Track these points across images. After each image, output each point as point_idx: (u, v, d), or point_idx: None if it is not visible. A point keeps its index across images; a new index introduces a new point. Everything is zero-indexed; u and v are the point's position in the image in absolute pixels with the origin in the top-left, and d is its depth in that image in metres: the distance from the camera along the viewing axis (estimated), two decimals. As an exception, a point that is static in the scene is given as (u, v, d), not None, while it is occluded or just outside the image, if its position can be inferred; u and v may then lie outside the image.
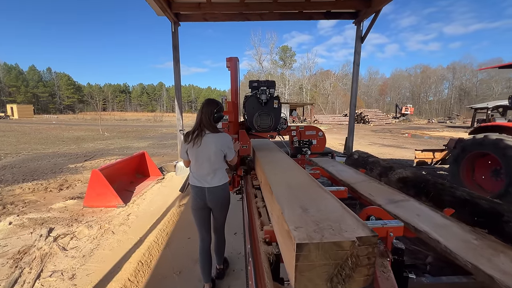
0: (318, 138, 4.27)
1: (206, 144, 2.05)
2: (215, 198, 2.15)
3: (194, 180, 2.13)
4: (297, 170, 2.17)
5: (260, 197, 2.32)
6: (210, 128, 2.09)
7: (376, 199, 2.55)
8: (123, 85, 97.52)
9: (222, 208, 2.25)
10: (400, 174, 3.81)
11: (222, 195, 2.19)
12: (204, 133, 2.06)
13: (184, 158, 2.20)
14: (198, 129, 2.07)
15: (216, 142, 2.07)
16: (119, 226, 3.25)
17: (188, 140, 2.06)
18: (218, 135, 2.10)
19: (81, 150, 9.73)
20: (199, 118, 2.10)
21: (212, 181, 2.11)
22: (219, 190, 2.16)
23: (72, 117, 44.78)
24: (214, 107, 2.13)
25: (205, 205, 2.16)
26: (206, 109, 2.10)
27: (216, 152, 2.08)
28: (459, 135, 19.27)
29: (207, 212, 2.23)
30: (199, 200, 2.13)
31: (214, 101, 2.19)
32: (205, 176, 2.10)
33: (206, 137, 2.05)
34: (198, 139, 2.04)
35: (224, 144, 2.13)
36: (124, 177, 5.19)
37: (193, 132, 2.08)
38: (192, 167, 2.16)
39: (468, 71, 59.71)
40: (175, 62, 5.95)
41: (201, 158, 2.07)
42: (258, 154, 3.06)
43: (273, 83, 3.49)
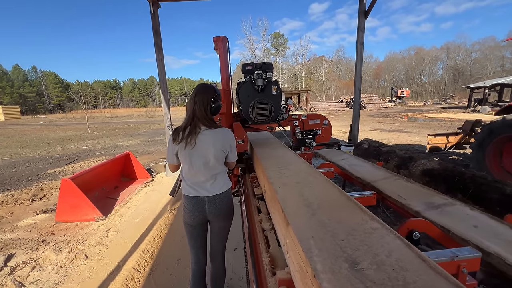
0: (323, 128, 3.74)
1: (203, 144, 1.59)
2: (217, 209, 1.70)
3: (189, 189, 1.67)
4: (312, 175, 1.61)
5: (264, 212, 1.77)
6: (207, 122, 1.61)
7: (409, 203, 2.02)
8: (113, 81, 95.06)
9: (225, 220, 1.79)
10: (424, 165, 3.28)
11: (225, 204, 1.74)
12: (199, 130, 1.60)
13: (172, 163, 1.70)
14: (191, 124, 1.59)
15: (215, 140, 1.62)
16: (95, 247, 2.69)
17: (178, 140, 1.58)
18: (217, 131, 1.65)
19: (65, 152, 9.04)
20: (191, 110, 1.61)
21: (212, 188, 1.68)
22: (222, 198, 1.72)
23: (62, 117, 43.37)
24: (210, 95, 1.63)
25: (204, 219, 1.72)
26: (201, 97, 1.61)
27: (217, 154, 1.64)
28: (457, 116, 18.95)
29: (205, 228, 1.79)
30: (198, 213, 1.67)
31: (210, 87, 1.68)
32: (204, 184, 1.66)
33: (202, 135, 1.60)
34: (192, 137, 1.57)
35: (226, 142, 1.68)
36: (106, 183, 4.60)
37: (184, 129, 1.59)
38: (185, 174, 1.68)
39: (462, 50, 59.20)
40: (157, 49, 5.25)
41: (197, 163, 1.61)
42: (258, 153, 2.48)
43: (270, 65, 2.89)
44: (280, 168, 1.80)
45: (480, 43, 57.02)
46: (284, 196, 1.27)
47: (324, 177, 1.55)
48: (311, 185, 1.42)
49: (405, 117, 19.12)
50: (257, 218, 1.69)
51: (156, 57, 5.27)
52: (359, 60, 5.62)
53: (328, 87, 54.05)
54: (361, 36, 5.56)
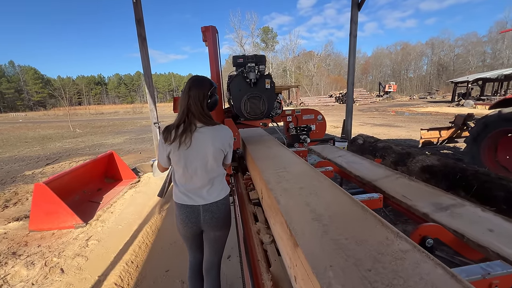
0: (318, 123, 3.61)
1: (200, 142, 1.42)
2: (213, 219, 1.52)
3: (182, 196, 1.48)
4: (317, 178, 1.43)
5: (262, 221, 1.58)
6: (203, 119, 1.44)
7: (415, 204, 1.89)
8: (98, 76, 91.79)
9: (222, 229, 1.61)
10: (423, 161, 3.19)
11: (223, 213, 1.57)
12: (195, 127, 1.42)
13: (164, 165, 1.52)
14: (185, 121, 1.41)
15: (215, 138, 1.45)
16: (73, 259, 2.43)
17: (171, 139, 1.39)
18: (216, 128, 1.48)
19: (44, 152, 8.52)
20: (185, 106, 1.42)
21: (209, 195, 1.50)
22: (219, 207, 1.54)
23: (43, 114, 41.48)
24: (206, 89, 1.46)
25: (198, 230, 1.56)
26: (196, 91, 1.43)
27: (216, 154, 1.47)
28: (443, 109, 19.38)
29: (200, 237, 1.65)
30: (191, 224, 1.51)
31: (206, 80, 1.50)
32: (199, 190, 1.48)
33: (198, 133, 1.42)
34: (187, 136, 1.39)
35: (226, 141, 1.52)
36: (88, 185, 4.29)
37: (177, 127, 1.40)
38: (178, 178, 1.50)
39: (446, 46, 60.68)
40: (140, 40, 4.90)
41: (193, 165, 1.43)
42: (252, 152, 2.28)
43: (262, 58, 2.71)
44: (278, 171, 1.61)
45: (463, 39, 58.66)
46: (287, 207, 1.08)
47: (329, 181, 1.37)
48: (317, 191, 1.23)
49: (392, 111, 19.40)
50: (254, 227, 1.51)
51: (140, 49, 4.93)
52: (352, 53, 5.48)
53: (318, 82, 54.23)
54: (354, 29, 5.42)
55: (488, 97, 23.17)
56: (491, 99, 22.25)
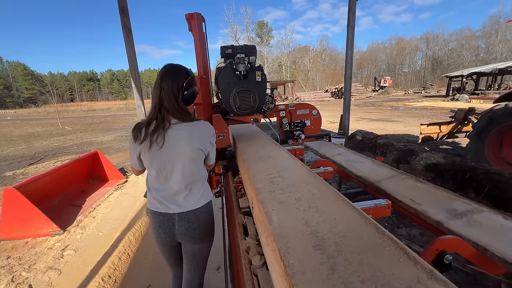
0: (312, 118, 3.39)
1: (175, 142, 1.22)
2: (189, 230, 1.31)
3: (155, 203, 1.30)
4: (316, 186, 1.20)
5: (253, 235, 1.35)
6: (179, 114, 1.24)
7: (426, 210, 1.68)
8: (90, 72, 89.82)
9: (202, 242, 1.39)
10: (428, 159, 2.98)
11: (202, 223, 1.35)
12: (169, 124, 1.22)
13: (136, 167, 1.34)
14: (157, 117, 1.22)
15: (192, 136, 1.25)
16: (44, 273, 2.18)
17: (141, 138, 1.20)
18: (194, 124, 1.28)
19: (30, 151, 8.15)
20: (157, 99, 1.23)
21: (186, 203, 1.30)
22: (197, 216, 1.33)
23: (33, 111, 40.48)
24: (182, 79, 1.25)
25: (174, 242, 1.37)
26: (169, 82, 1.23)
27: (193, 155, 1.27)
28: (438, 104, 19.35)
29: (178, 249, 1.46)
30: (164, 235, 1.32)
31: (181, 68, 1.30)
32: (175, 196, 1.29)
33: (172, 130, 1.22)
34: (159, 135, 1.20)
35: (205, 139, 1.32)
36: (70, 187, 4.01)
37: (148, 124, 1.22)
38: (151, 182, 1.32)
39: (440, 40, 60.81)
40: (125, 31, 4.57)
41: (167, 168, 1.24)
42: (243, 152, 2.04)
43: (252, 48, 2.47)
44: (272, 176, 1.38)
45: (457, 33, 58.85)
46: (281, 227, 0.85)
47: (332, 189, 1.14)
48: (319, 204, 1.00)
49: (387, 106, 19.34)
50: (242, 244, 1.27)
51: (125, 41, 4.60)
52: (350, 45, 5.23)
53: (313, 77, 53.98)
54: (352, 20, 5.16)
55: (482, 91, 23.26)
56: (485, 93, 22.35)
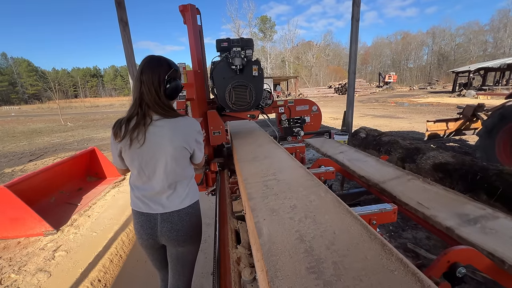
0: (312, 114, 3.28)
1: (156, 139, 1.15)
2: (174, 231, 1.24)
3: (137, 202, 1.23)
4: (315, 191, 1.07)
5: (245, 243, 1.24)
6: (160, 109, 1.17)
7: (435, 214, 1.55)
8: (94, 68, 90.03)
9: (186, 245, 1.30)
10: (435, 158, 2.84)
11: (186, 224, 1.26)
12: (150, 120, 1.15)
13: (119, 166, 1.29)
14: (138, 113, 1.15)
15: (174, 134, 1.17)
16: (33, 276, 2.11)
17: (121, 135, 1.14)
18: (177, 121, 1.20)
19: (30, 147, 8.13)
20: (138, 93, 1.16)
21: (170, 203, 1.23)
22: (182, 217, 1.25)
23: (37, 107, 40.74)
24: (164, 71, 1.17)
25: (156, 244, 1.30)
26: (149, 75, 1.15)
27: (176, 153, 1.19)
28: (444, 100, 18.99)
29: (164, 251, 1.37)
30: (146, 236, 1.25)
31: (163, 60, 1.21)
32: (158, 195, 1.22)
33: (154, 127, 1.15)
34: (139, 132, 1.13)
35: (190, 136, 1.23)
36: (67, 185, 3.94)
37: (129, 120, 1.15)
38: (132, 181, 1.25)
39: (447, 35, 59.63)
40: (121, 25, 4.45)
41: (149, 166, 1.18)
42: (239, 150, 1.92)
43: (249, 41, 2.36)
44: (267, 179, 1.26)
45: (465, 28, 57.59)
46: (272, 242, 0.74)
47: (332, 196, 1.02)
48: (316, 213, 0.88)
49: (392, 102, 19.05)
50: (233, 253, 1.16)
51: (121, 35, 4.48)
52: (354, 39, 5.05)
53: (317, 72, 53.42)
54: (357, 12, 4.97)
55: (490, 87, 22.75)
56: (493, 89, 21.85)
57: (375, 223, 1.36)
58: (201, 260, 2.17)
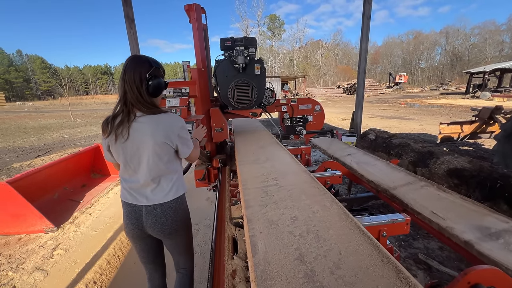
0: (315, 113, 3.21)
1: (138, 134, 1.22)
2: (158, 224, 1.30)
3: (125, 193, 1.31)
4: (319, 201, 0.97)
5: (243, 255, 1.15)
6: (143, 106, 1.23)
7: (452, 226, 1.41)
8: (104, 66, 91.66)
9: (172, 237, 1.38)
10: (450, 163, 2.68)
11: (170, 218, 1.32)
12: (134, 117, 1.22)
13: (109, 160, 1.35)
14: (123, 110, 1.22)
15: (155, 129, 1.23)
16: (30, 275, 2.07)
17: (107, 131, 1.22)
18: (159, 117, 1.26)
19: (39, 143, 8.26)
20: (122, 92, 1.23)
21: (154, 196, 1.29)
22: (165, 211, 1.30)
23: (49, 103, 41.71)
24: (144, 70, 1.22)
25: (143, 234, 1.35)
26: (131, 74, 1.20)
27: (157, 148, 1.25)
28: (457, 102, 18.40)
29: (151, 241, 1.42)
30: (132, 226, 1.31)
31: (144, 59, 1.27)
32: (143, 188, 1.28)
33: (137, 123, 1.22)
34: (124, 127, 1.20)
35: (171, 132, 1.28)
36: (71, 181, 3.94)
37: (115, 117, 1.23)
38: (121, 173, 1.33)
39: (461, 34, 57.92)
40: (128, 22, 4.43)
41: (133, 160, 1.25)
42: (240, 151, 1.84)
43: (252, 41, 2.34)
44: (267, 184, 1.16)
45: (480, 27, 55.78)
46: (267, 262, 0.64)
47: (338, 207, 0.92)
48: (319, 228, 0.78)
49: (402, 103, 18.62)
50: (228, 264, 1.07)
51: (127, 32, 4.45)
52: (364, 37, 4.88)
53: (325, 72, 52.82)
54: (368, 9, 4.80)
55: (506, 89, 21.97)
56: (509, 90, 21.08)
57: (386, 235, 1.25)
58: (200, 264, 2.09)
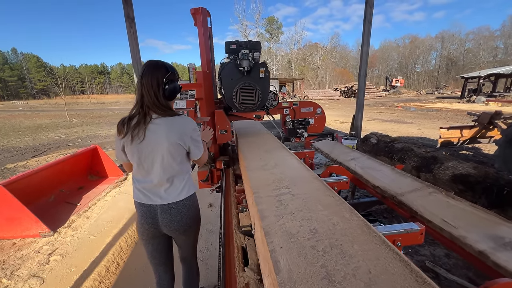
0: (316, 116, 3.22)
1: (154, 136, 1.28)
2: (174, 222, 1.37)
3: (139, 194, 1.36)
4: (337, 211, 0.93)
5: (254, 264, 1.11)
6: (159, 109, 1.30)
7: (465, 235, 1.38)
8: (101, 65, 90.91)
9: (186, 234, 1.45)
10: (455, 169, 2.67)
11: (185, 215, 1.40)
12: (150, 119, 1.29)
13: (121, 160, 1.40)
14: (140, 112, 1.29)
15: (169, 131, 1.30)
16: (26, 282, 1.99)
17: (123, 132, 1.28)
18: (173, 119, 1.32)
19: (34, 143, 8.11)
20: (139, 95, 1.30)
21: (167, 195, 1.35)
22: (180, 209, 1.38)
23: (44, 102, 41.20)
24: (161, 75, 1.30)
25: (158, 233, 1.41)
26: (148, 79, 1.27)
27: (172, 149, 1.32)
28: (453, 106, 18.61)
29: (164, 240, 1.49)
30: (148, 225, 1.38)
31: (160, 64, 1.33)
32: (157, 188, 1.34)
33: (153, 125, 1.29)
34: (140, 129, 1.27)
35: (184, 134, 1.34)
36: (68, 183, 3.85)
37: (131, 118, 1.30)
38: (134, 174, 1.38)
39: (456, 39, 58.79)
40: (128, 22, 4.36)
41: (147, 161, 1.31)
42: (245, 156, 1.79)
43: (257, 44, 2.35)
44: (280, 192, 1.12)
45: (475, 33, 56.70)
46: (292, 281, 0.59)
47: (359, 219, 0.87)
48: (342, 242, 0.74)
49: (398, 106, 18.79)
50: (240, 276, 1.02)
51: (127, 31, 4.39)
52: (366, 41, 4.89)
53: (323, 75, 53.12)
54: (369, 13, 4.81)
55: (500, 94, 22.29)
56: (503, 95, 21.39)
57: (400, 245, 1.21)
58: (203, 271, 2.04)
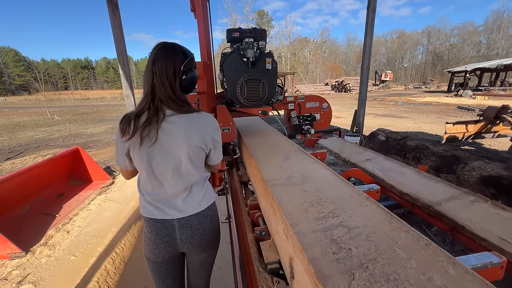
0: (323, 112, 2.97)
1: (169, 137, 0.98)
2: (196, 236, 1.10)
3: (150, 208, 1.06)
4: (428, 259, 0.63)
5: None
6: (175, 104, 0.99)
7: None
8: (85, 60, 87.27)
9: (208, 250, 1.18)
10: (483, 170, 2.44)
11: (208, 228, 1.13)
12: (163, 116, 0.98)
13: (124, 167, 1.09)
14: (150, 108, 0.97)
15: (190, 131, 1.00)
16: (-14, 321, 1.62)
17: (130, 132, 0.95)
18: (193, 117, 1.02)
19: (11, 143, 7.47)
20: (149, 86, 0.97)
21: (186, 206, 1.07)
22: (201, 220, 1.10)
23: (24, 99, 39.11)
24: (179, 61, 0.98)
25: (175, 253, 1.13)
26: (163, 65, 0.96)
27: (191, 153, 1.02)
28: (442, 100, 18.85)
29: (179, 263, 1.21)
30: (164, 245, 1.08)
31: (178, 49, 1.01)
32: (172, 199, 1.05)
33: (167, 124, 0.98)
34: (151, 128, 0.95)
35: (207, 134, 1.05)
36: (45, 190, 3.41)
37: (138, 116, 0.97)
38: (143, 184, 1.07)
39: (442, 35, 59.98)
40: (110, 8, 3.89)
41: (160, 168, 1.01)
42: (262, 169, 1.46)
43: (262, 32, 2.02)
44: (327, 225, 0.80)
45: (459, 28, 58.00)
46: None
47: (473, 276, 0.58)
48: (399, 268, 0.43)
49: (388, 100, 18.91)
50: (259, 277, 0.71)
51: (110, 18, 3.92)
52: (369, 31, 4.62)
53: (313, 69, 53.07)
54: (373, 2, 4.53)
55: (486, 88, 22.83)
56: (489, 89, 21.92)
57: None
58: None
